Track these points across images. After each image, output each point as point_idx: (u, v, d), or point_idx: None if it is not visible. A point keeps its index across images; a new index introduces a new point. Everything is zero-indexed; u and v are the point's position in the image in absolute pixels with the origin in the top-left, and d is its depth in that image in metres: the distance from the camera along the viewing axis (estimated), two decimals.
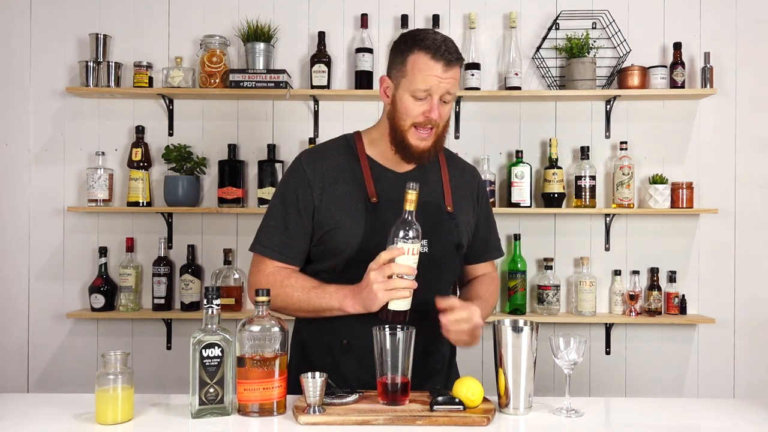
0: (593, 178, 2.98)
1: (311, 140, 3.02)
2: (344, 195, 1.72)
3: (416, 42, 1.66)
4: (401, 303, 1.56)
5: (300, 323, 1.82)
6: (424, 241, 1.69)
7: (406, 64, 1.66)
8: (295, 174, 1.76)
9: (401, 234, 1.55)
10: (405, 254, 1.54)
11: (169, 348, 3.07)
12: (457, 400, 1.49)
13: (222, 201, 2.99)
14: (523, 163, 2.98)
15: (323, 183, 1.73)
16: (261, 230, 1.77)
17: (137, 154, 2.99)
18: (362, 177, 1.73)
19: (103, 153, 3.01)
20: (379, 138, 1.77)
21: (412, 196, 1.55)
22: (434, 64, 1.63)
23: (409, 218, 1.55)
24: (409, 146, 1.68)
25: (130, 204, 2.98)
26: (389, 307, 1.56)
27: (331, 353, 1.74)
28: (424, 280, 1.60)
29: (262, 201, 2.99)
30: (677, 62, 2.98)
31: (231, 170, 3.00)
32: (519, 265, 2.99)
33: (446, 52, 1.63)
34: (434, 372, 1.78)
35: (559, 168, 2.99)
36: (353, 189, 1.72)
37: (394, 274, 1.53)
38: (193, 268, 3.00)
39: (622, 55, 3.03)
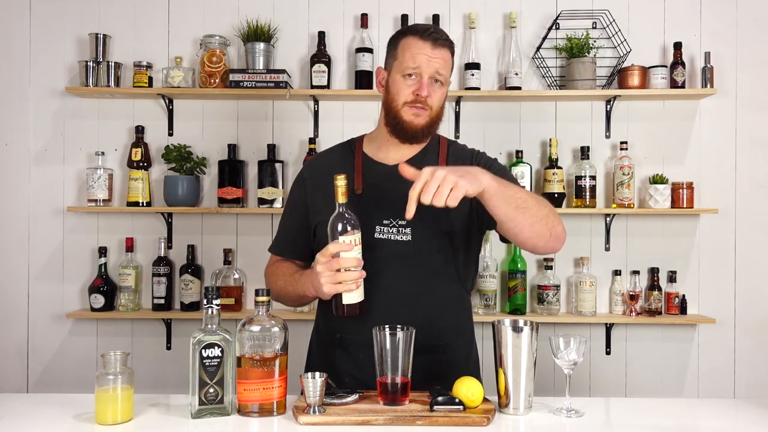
0: (593, 178, 2.97)
1: (311, 140, 3.02)
2: (332, 189, 1.76)
3: (407, 30, 1.77)
4: (353, 295, 1.59)
5: (315, 321, 1.91)
6: (407, 229, 1.71)
7: (397, 49, 1.75)
8: (297, 176, 1.93)
9: (339, 228, 1.56)
10: (357, 246, 1.56)
11: (168, 348, 3.07)
12: (457, 400, 1.49)
13: (222, 201, 2.99)
14: (523, 163, 2.98)
15: (315, 181, 1.84)
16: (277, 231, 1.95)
17: (137, 154, 2.99)
18: (353, 171, 1.79)
19: (102, 153, 3.01)
20: (377, 134, 1.84)
21: (341, 187, 1.57)
22: (422, 43, 1.70)
23: (342, 210, 1.57)
24: (403, 123, 1.73)
25: (129, 204, 2.98)
26: (343, 302, 1.59)
27: (327, 349, 1.80)
28: (407, 268, 1.65)
29: (262, 201, 2.99)
30: (677, 62, 2.98)
31: (231, 170, 3.00)
32: (519, 265, 2.99)
33: (434, 33, 1.72)
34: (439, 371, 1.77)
35: (559, 168, 2.98)
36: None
37: (342, 268, 1.55)
38: (192, 268, 3.00)
39: (622, 55, 3.03)
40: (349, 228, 1.56)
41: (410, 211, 1.47)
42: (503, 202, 1.55)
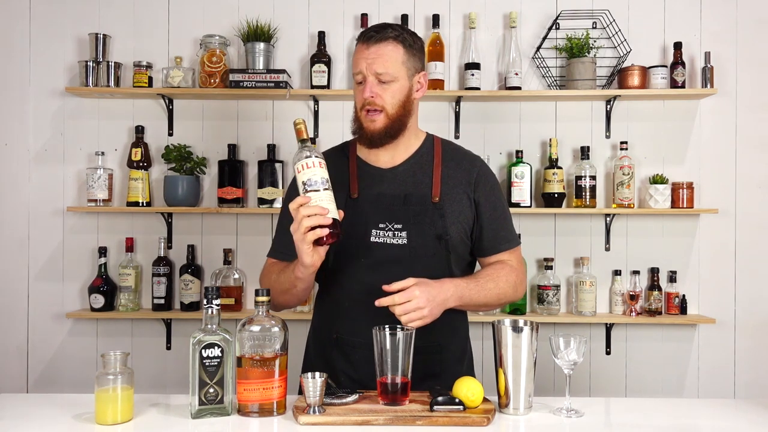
0: (593, 178, 2.97)
1: (312, 140, 3.02)
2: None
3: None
4: (317, 232, 1.56)
5: (312, 321, 1.92)
6: (403, 233, 1.73)
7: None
8: (292, 181, 1.90)
9: (303, 155, 1.58)
10: (309, 168, 1.57)
11: (168, 348, 3.07)
12: (457, 400, 1.49)
13: (222, 201, 2.99)
14: (523, 163, 2.98)
15: None
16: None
17: (137, 154, 2.99)
18: (348, 175, 1.80)
19: (102, 153, 3.01)
20: None
21: (300, 127, 1.62)
22: (360, 47, 1.75)
23: (302, 145, 1.61)
24: (362, 129, 1.77)
25: (129, 204, 2.98)
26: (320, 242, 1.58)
27: (324, 349, 1.81)
28: (403, 271, 1.64)
29: (262, 201, 2.99)
30: (677, 62, 2.98)
31: (231, 170, 3.00)
32: None
33: (370, 32, 1.75)
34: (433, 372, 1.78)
35: (559, 168, 2.98)
36: (338, 187, 1.77)
37: (307, 216, 1.55)
38: (192, 268, 3.00)
39: (622, 54, 3.03)
40: (305, 154, 1.58)
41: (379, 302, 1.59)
42: (467, 307, 1.75)
